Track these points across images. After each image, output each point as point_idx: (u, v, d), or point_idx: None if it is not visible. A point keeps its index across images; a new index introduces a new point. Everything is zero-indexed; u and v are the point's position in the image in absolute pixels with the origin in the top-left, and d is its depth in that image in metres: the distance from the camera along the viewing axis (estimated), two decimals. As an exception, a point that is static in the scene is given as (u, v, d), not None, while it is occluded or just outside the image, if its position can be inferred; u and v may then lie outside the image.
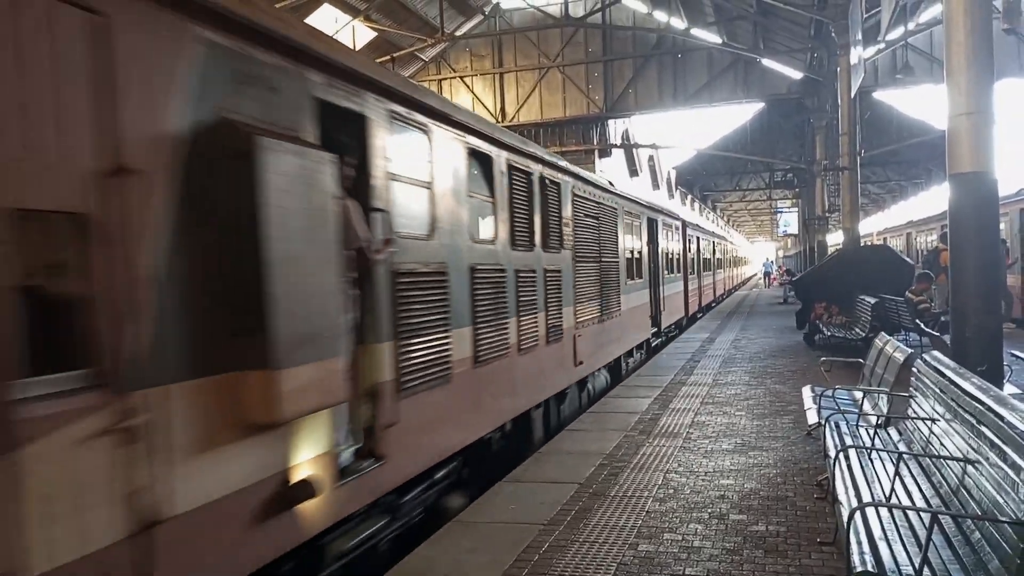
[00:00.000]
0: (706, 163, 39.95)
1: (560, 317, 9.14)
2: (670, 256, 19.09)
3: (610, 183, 12.93)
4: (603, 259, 11.42)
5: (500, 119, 28.39)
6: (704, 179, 46.65)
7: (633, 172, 39.32)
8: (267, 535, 3.89)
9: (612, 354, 12.20)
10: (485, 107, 28.53)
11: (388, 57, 24.67)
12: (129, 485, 3.07)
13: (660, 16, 26.91)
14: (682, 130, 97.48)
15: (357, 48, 24.43)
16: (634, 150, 36.65)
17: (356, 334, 4.80)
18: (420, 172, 5.74)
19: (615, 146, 31.30)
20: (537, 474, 6.83)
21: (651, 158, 43.88)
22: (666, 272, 18.05)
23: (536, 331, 8.25)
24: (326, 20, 23.39)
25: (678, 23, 26.25)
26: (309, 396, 3.86)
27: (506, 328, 7.33)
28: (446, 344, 5.98)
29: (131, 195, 3.16)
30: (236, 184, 3.57)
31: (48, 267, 2.95)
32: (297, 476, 4.10)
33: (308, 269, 3.92)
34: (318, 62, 4.44)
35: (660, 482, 6.36)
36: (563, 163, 9.74)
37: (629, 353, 13.97)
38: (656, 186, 45.67)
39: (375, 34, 25.09)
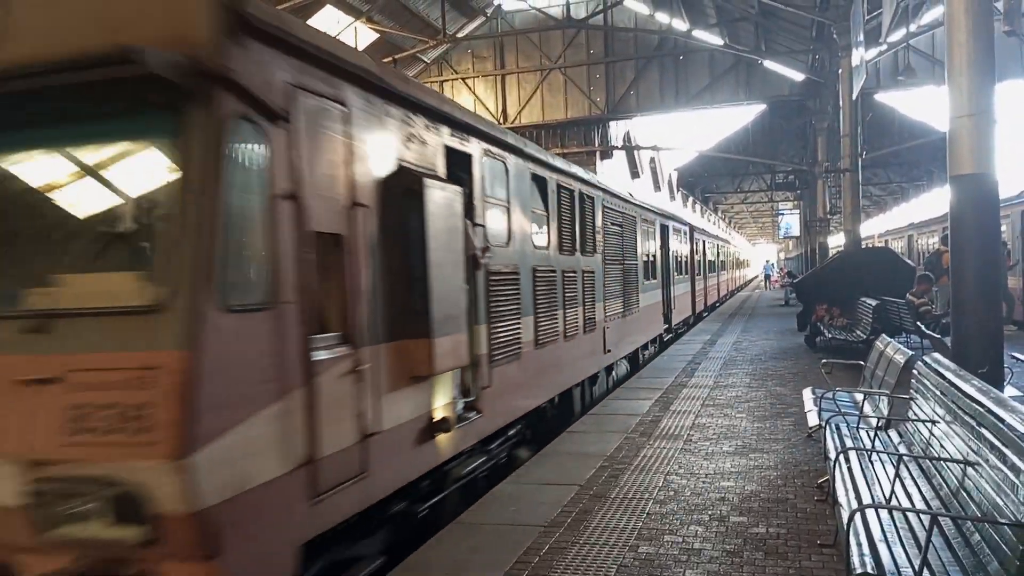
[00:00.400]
0: (708, 165, 39.99)
1: (594, 311, 10.64)
2: (679, 259, 20.43)
3: (630, 194, 14.33)
4: (625, 262, 12.86)
5: (502, 120, 28.41)
6: (705, 181, 46.65)
7: (634, 174, 39.29)
8: (422, 453, 5.45)
9: (633, 345, 13.61)
10: (487, 108, 28.55)
11: (390, 58, 24.69)
12: (359, 407, 4.56)
13: (662, 18, 26.94)
14: (684, 132, 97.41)
15: (361, 51, 24.46)
16: (636, 152, 36.67)
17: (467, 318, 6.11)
18: (501, 194, 7.29)
19: (617, 148, 31.32)
20: (538, 476, 6.83)
21: (652, 160, 43.88)
22: (676, 274, 19.34)
23: (577, 322, 9.74)
24: (328, 21, 23.40)
25: (680, 24, 26.27)
26: (448, 358, 5.43)
27: (555, 318, 8.83)
28: (518, 328, 7.51)
29: (360, 221, 4.68)
30: (410, 210, 5.13)
31: (325, 268, 4.33)
32: (437, 416, 5.63)
33: (449, 270, 5.47)
34: (446, 119, 6.09)
35: (661, 484, 6.36)
36: (596, 180, 11.37)
37: (645, 346, 15.34)
38: (657, 188, 45.63)
39: (377, 35, 25.12)
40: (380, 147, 5.01)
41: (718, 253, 34.49)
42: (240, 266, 3.70)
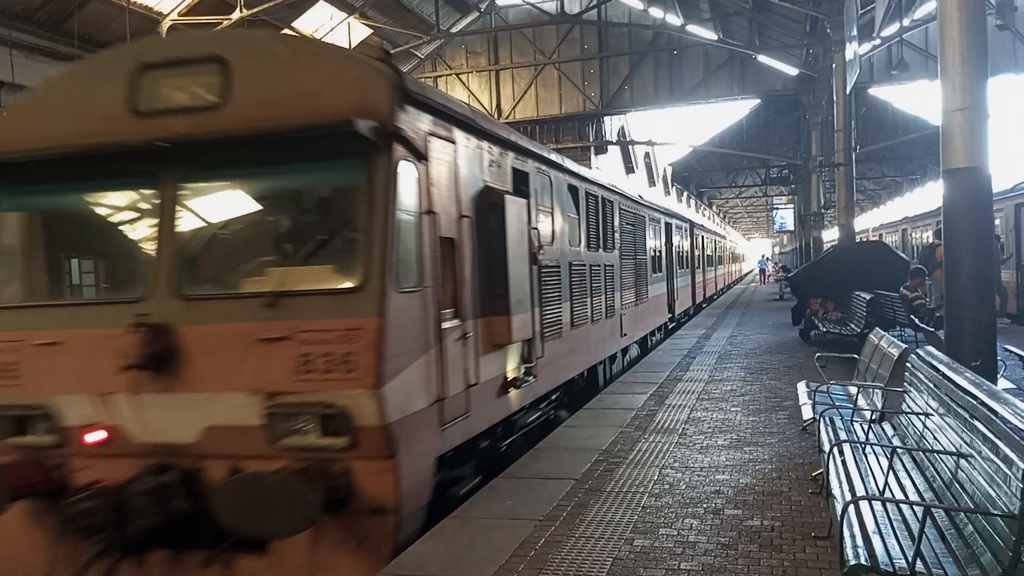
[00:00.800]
0: (702, 160, 40.02)
1: (613, 299, 12.19)
2: (681, 254, 21.88)
3: (640, 196, 16.04)
4: (637, 257, 14.38)
5: (496, 116, 28.37)
6: (700, 175, 46.66)
7: (629, 169, 39.27)
8: (500, 404, 7.16)
9: (643, 330, 15.33)
10: (481, 104, 28.51)
11: (384, 54, 24.61)
12: (465, 364, 6.22)
13: (656, 12, 26.92)
14: (678, 127, 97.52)
15: (352, 46, 24.40)
16: (630, 147, 36.66)
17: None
18: (547, 202, 8.79)
19: (611, 143, 31.31)
20: (534, 470, 6.85)
21: (647, 155, 43.86)
22: (678, 268, 20.86)
23: (601, 308, 11.33)
24: (321, 18, 23.35)
25: (674, 19, 26.25)
26: (520, 331, 7.17)
27: (585, 305, 10.38)
28: (560, 312, 9.04)
29: (465, 228, 6.31)
30: (494, 219, 6.78)
31: (445, 263, 5.92)
32: (510, 376, 7.33)
33: (520, 264, 7.16)
34: (512, 146, 7.73)
35: (656, 478, 6.38)
36: (616, 186, 13.10)
37: (652, 333, 16.98)
38: (652, 183, 45.61)
39: (370, 31, 25.05)
40: (474, 172, 6.66)
41: (715, 248, 36.13)
42: (405, 261, 5.30)
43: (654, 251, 16.69)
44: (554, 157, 9.31)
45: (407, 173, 5.37)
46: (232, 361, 5.10)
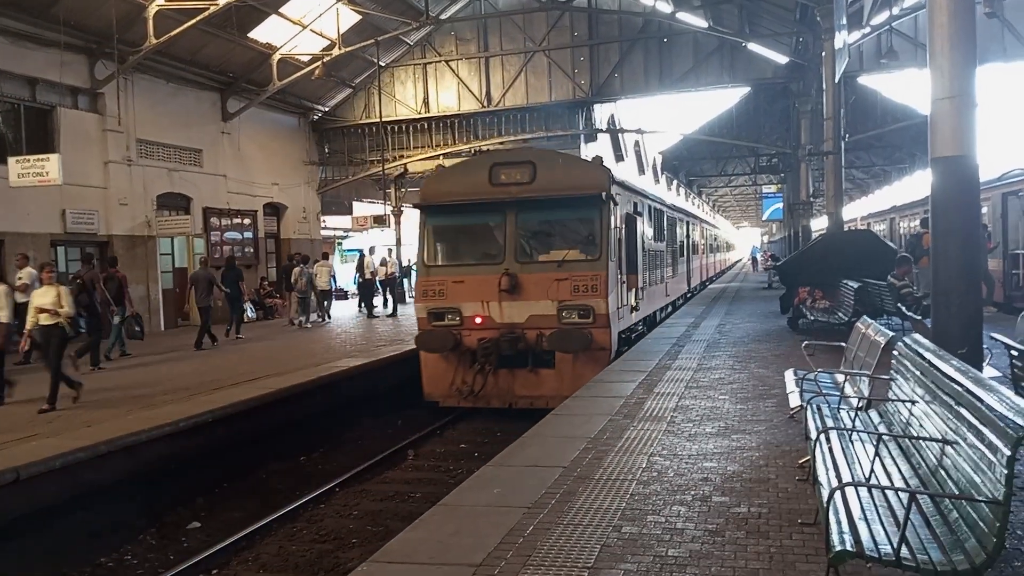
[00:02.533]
0: (692, 148, 39.90)
1: (663, 273, 19.61)
2: (692, 243, 28.37)
3: (673, 204, 24.28)
4: (671, 245, 21.42)
5: (486, 103, 28.27)
6: (689, 164, 46.56)
7: (619, 157, 39.20)
8: (631, 318, 14.71)
9: (673, 295, 22.32)
10: (471, 91, 28.39)
11: (372, 41, 24.46)
12: (624, 294, 13.85)
13: (646, 0, 26.83)
14: (668, 115, 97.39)
15: (341, 32, 24.21)
16: (620, 135, 36.58)
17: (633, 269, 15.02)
18: (647, 218, 16.40)
19: (601, 131, 31.23)
20: (522, 458, 6.86)
21: (637, 143, 43.77)
22: (691, 254, 27.82)
23: (661, 276, 19.15)
24: (309, 3, 23.14)
25: (664, 7, 26.17)
26: (637, 281, 14.86)
27: (658, 273, 18.46)
28: (648, 276, 16.49)
29: (622, 233, 13.90)
30: (629, 228, 14.37)
31: (618, 248, 13.76)
32: (633, 304, 14.77)
33: (637, 250, 14.97)
34: (635, 191, 15.59)
35: (644, 465, 6.40)
36: (667, 202, 21.87)
37: (674, 302, 23.15)
38: (642, 171, 45.61)
39: (359, 17, 24.86)
40: (624, 206, 13.81)
41: (715, 238, 47.10)
42: (610, 248, 12.65)
43: (680, 241, 23.98)
44: (650, 191, 19.02)
45: (610, 211, 12.66)
46: (543, 288, 12.32)
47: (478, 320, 12.52)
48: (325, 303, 23.26)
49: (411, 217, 24.18)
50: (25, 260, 15.29)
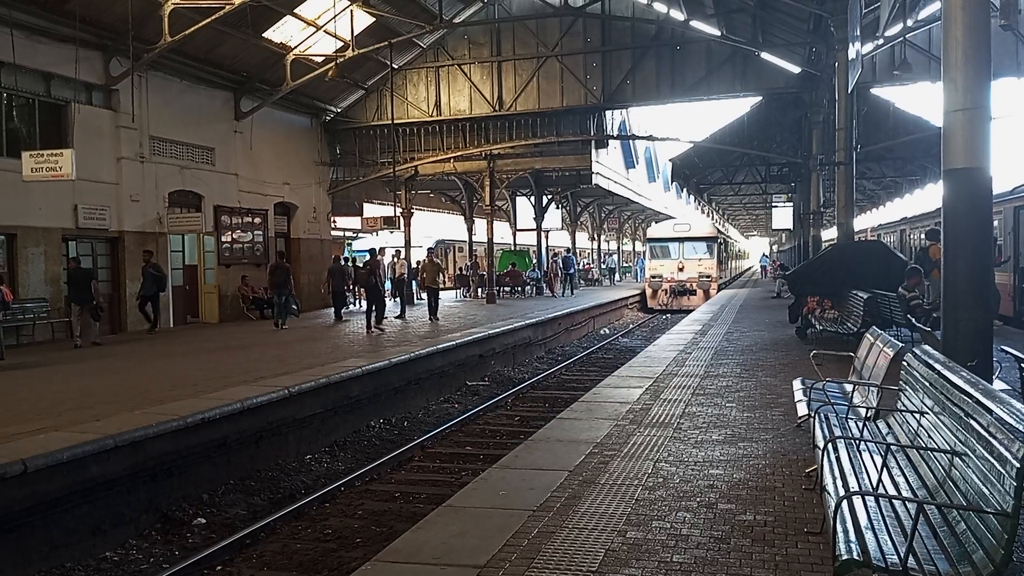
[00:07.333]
0: (702, 156, 39.94)
1: (726, 264, 47.11)
2: (728, 253, 41.18)
3: (717, 230, 42.67)
4: (722, 256, 38.60)
5: (497, 107, 28.29)
6: (700, 172, 46.58)
7: (630, 163, 39.31)
8: (718, 282, 40.77)
9: (728, 276, 41.23)
10: (483, 95, 28.43)
11: (385, 43, 24.53)
12: (715, 286, 38.50)
13: (659, 7, 26.82)
14: (679, 124, 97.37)
15: (355, 34, 24.30)
16: (631, 141, 36.62)
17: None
18: (722, 245, 42.80)
19: (612, 137, 31.22)
20: (527, 461, 6.86)
21: (648, 150, 43.80)
22: (731, 258, 45.64)
23: (726, 266, 48.40)
24: (324, 4, 23.22)
25: (677, 14, 26.16)
26: (721, 267, 43.46)
27: (725, 264, 46.39)
28: (724, 266, 45.65)
29: (719, 255, 40.88)
30: (720, 247, 40.82)
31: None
32: (720, 277, 40.92)
33: (721, 257, 44.74)
34: (720, 234, 42.94)
35: (650, 471, 6.39)
36: (722, 231, 47.18)
37: (729, 280, 44.45)
38: (652, 179, 45.71)
39: (373, 20, 24.94)
40: (717, 238, 39.94)
41: (736, 247, 68.00)
42: (716, 255, 39.31)
43: (724, 253, 39.59)
44: (719, 228, 46.97)
45: (715, 241, 38.79)
46: (693, 268, 37.61)
47: (669, 280, 37.42)
48: (398, 298, 26.33)
49: (420, 219, 24.32)
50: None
